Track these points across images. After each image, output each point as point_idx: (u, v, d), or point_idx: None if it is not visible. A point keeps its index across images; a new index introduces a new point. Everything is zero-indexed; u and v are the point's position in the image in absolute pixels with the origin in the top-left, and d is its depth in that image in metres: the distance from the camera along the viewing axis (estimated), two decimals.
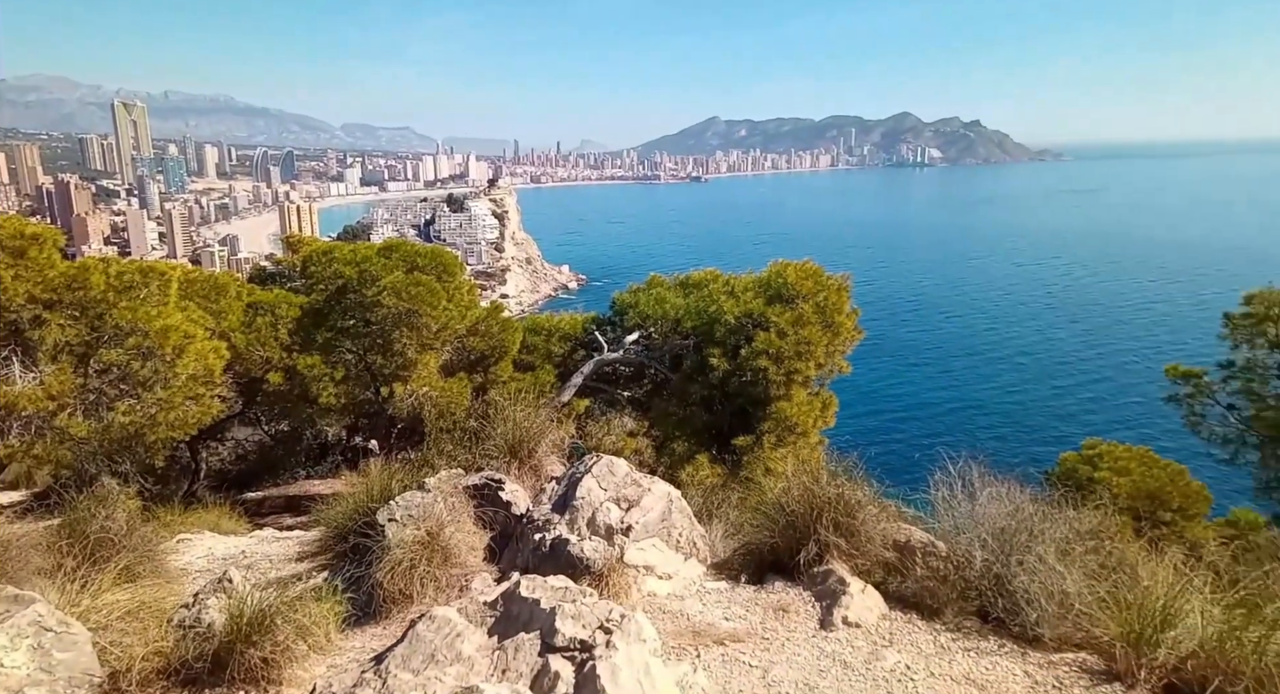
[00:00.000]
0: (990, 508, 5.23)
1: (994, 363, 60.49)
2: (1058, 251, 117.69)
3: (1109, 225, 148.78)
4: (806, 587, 5.11)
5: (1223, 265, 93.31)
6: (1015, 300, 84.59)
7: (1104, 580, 4.81)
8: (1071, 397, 52.03)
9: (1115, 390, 49.62)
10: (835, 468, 6.30)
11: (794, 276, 14.24)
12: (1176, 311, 70.66)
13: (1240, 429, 11.64)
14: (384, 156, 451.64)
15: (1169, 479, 15.52)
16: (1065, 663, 4.14)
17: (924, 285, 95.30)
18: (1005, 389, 54.22)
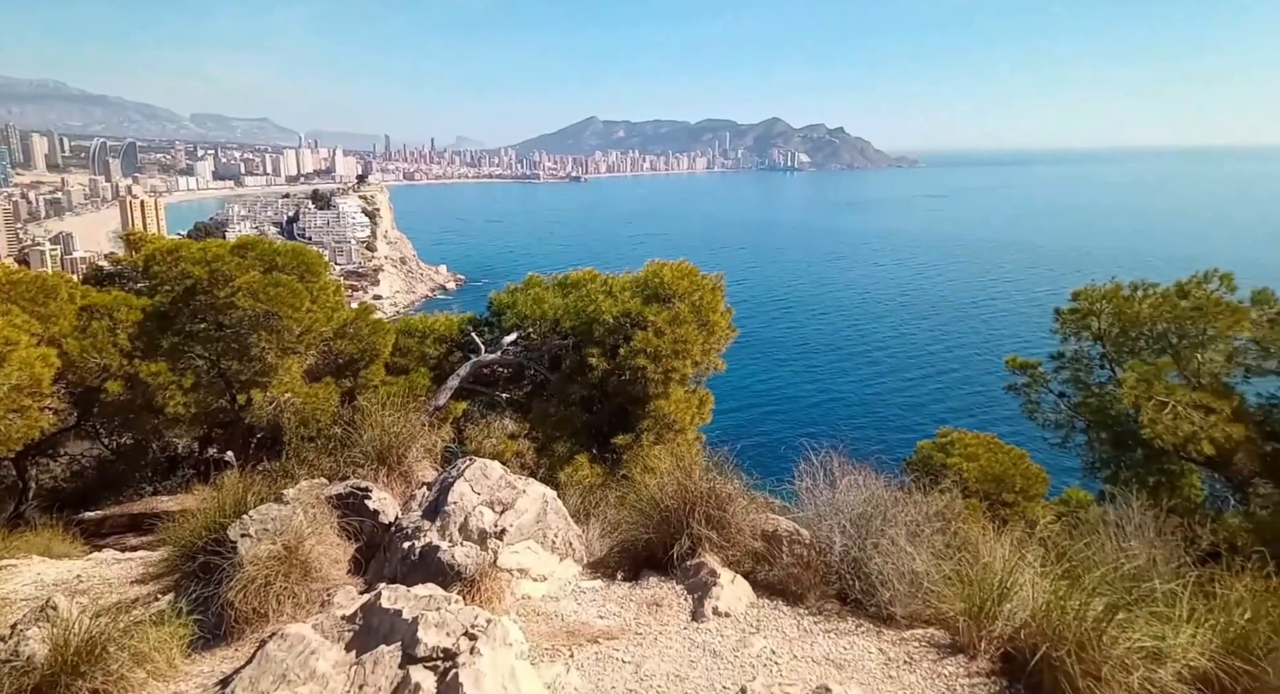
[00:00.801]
0: (849, 495, 5.53)
1: (855, 358, 64.12)
2: (912, 252, 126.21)
3: (958, 228, 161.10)
4: (680, 580, 5.21)
5: (1057, 264, 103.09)
6: (874, 299, 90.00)
7: (950, 559, 5.19)
8: (926, 388, 55.89)
9: (965, 382, 53.77)
10: (710, 463, 6.49)
11: (670, 276, 14.48)
12: (1016, 307, 77.39)
13: (1070, 415, 12.84)
14: (240, 149, 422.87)
15: (1012, 463, 16.93)
16: (916, 639, 4.43)
17: (793, 284, 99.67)
18: (866, 382, 57.58)
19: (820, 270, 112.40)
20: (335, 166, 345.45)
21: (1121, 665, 3.60)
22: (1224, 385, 11.53)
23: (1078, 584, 4.17)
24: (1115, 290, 12.07)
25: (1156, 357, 11.61)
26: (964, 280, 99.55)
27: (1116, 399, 10.92)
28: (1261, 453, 11.28)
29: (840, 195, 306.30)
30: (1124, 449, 11.97)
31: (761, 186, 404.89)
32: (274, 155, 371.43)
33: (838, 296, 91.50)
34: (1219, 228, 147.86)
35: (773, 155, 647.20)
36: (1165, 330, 11.72)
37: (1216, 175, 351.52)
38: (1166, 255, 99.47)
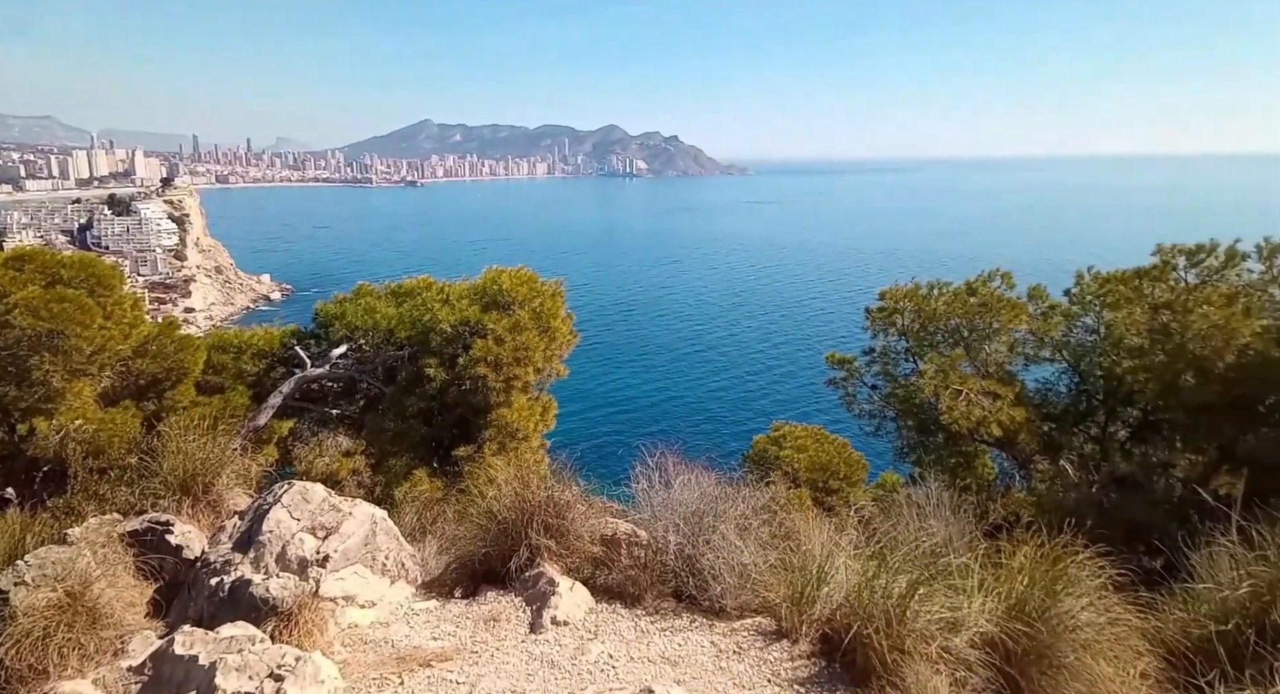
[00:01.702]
0: (683, 494, 5.69)
1: (694, 358, 66.44)
2: (743, 256, 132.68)
3: (784, 232, 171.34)
4: (519, 592, 5.13)
5: (870, 265, 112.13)
6: (709, 300, 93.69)
7: (775, 549, 5.48)
8: (761, 385, 58.88)
9: (794, 377, 57.18)
10: (550, 470, 6.45)
11: (510, 283, 14.30)
12: (836, 307, 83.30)
13: (881, 405, 13.98)
14: (19, 150, 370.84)
15: (836, 452, 18.14)
16: (745, 629, 4.63)
17: (633, 288, 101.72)
18: (705, 381, 59.79)
19: (659, 274, 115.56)
20: (135, 169, 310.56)
21: (922, 637, 3.93)
22: (1008, 373, 13.00)
23: (885, 564, 4.51)
24: (915, 290, 13.29)
25: (951, 349, 12.89)
26: (790, 281, 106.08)
27: (919, 389, 12.01)
28: (1040, 433, 12.83)
29: (677, 201, 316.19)
30: (927, 434, 13.19)
31: (602, 192, 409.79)
32: (61, 156, 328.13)
33: (675, 299, 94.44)
34: (1004, 230, 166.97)
35: (611, 162, 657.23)
36: (958, 325, 13.04)
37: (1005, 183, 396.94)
38: (960, 255, 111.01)
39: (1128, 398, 12.14)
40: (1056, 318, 13.08)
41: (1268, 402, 10.50)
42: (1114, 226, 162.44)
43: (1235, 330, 9.90)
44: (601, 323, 75.33)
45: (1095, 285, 12.24)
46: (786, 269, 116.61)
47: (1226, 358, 10.03)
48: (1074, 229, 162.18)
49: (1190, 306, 10.33)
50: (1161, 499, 10.56)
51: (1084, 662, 3.93)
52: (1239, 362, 10.02)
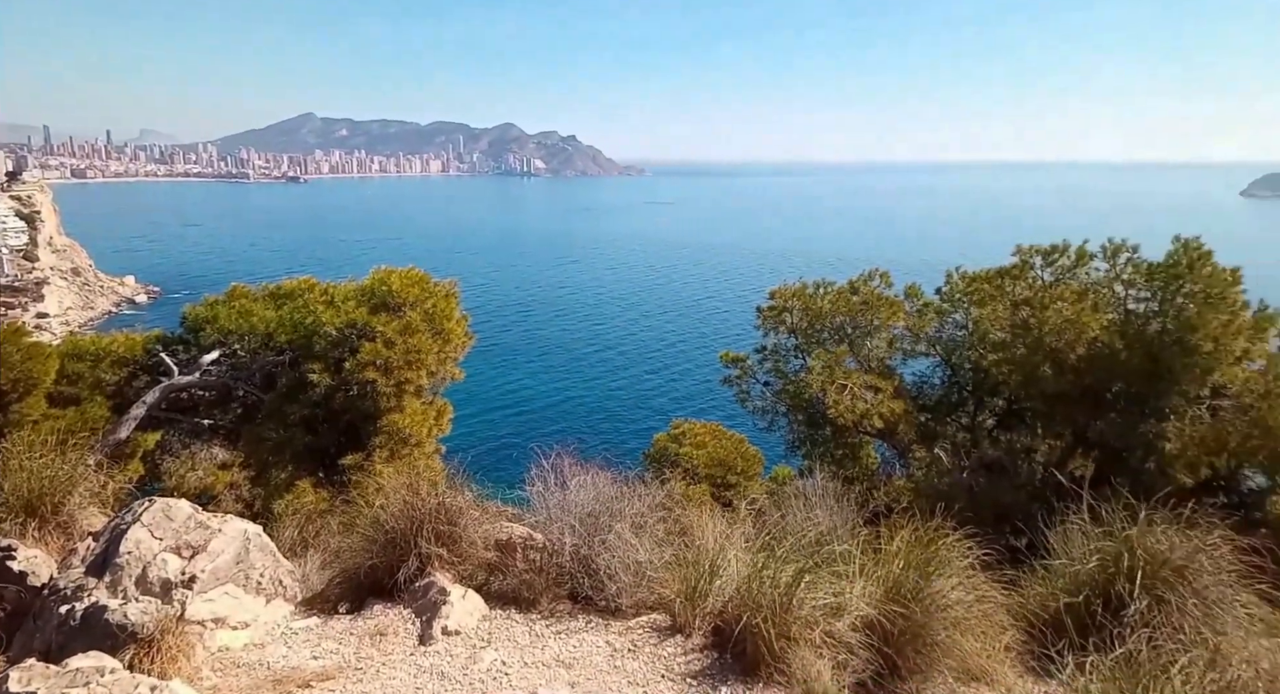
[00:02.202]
0: (579, 495, 5.67)
1: (596, 357, 66.50)
2: (643, 256, 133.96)
3: (682, 233, 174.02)
4: (407, 604, 4.97)
5: (763, 264, 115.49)
6: (610, 299, 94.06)
7: (671, 545, 5.55)
8: (661, 383, 59.59)
9: (694, 375, 58.16)
10: (443, 476, 6.28)
11: (399, 284, 13.84)
12: (730, 306, 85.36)
13: (773, 401, 14.42)
14: None
15: (734, 447, 18.57)
16: (640, 626, 4.66)
17: (533, 288, 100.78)
18: (607, 381, 59.94)
19: (558, 274, 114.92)
20: None
21: (807, 623, 4.07)
22: (888, 368, 13.69)
23: (773, 555, 4.65)
24: (803, 289, 13.79)
25: (837, 346, 13.46)
26: (686, 281, 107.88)
27: (808, 385, 12.47)
28: (917, 423, 13.57)
29: (576, 201, 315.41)
30: (816, 428, 13.72)
31: (499, 191, 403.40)
32: None
33: (574, 299, 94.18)
34: (885, 231, 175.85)
35: (509, 160, 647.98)
36: (842, 323, 13.63)
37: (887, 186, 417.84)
38: (844, 255, 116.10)
39: (994, 388, 13.03)
40: (930, 315, 13.87)
41: (1114, 390, 11.51)
42: (983, 228, 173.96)
43: (1085, 325, 10.81)
44: (499, 324, 74.16)
45: (963, 284, 13.07)
46: (683, 269, 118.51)
47: (1078, 350, 10.94)
48: (946, 230, 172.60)
49: (1046, 303, 11.20)
50: (1024, 482, 11.38)
51: (954, 639, 4.17)
52: (1088, 353, 10.95)
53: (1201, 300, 10.43)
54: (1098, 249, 11.69)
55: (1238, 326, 10.42)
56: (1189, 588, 4.56)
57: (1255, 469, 10.68)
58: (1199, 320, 10.32)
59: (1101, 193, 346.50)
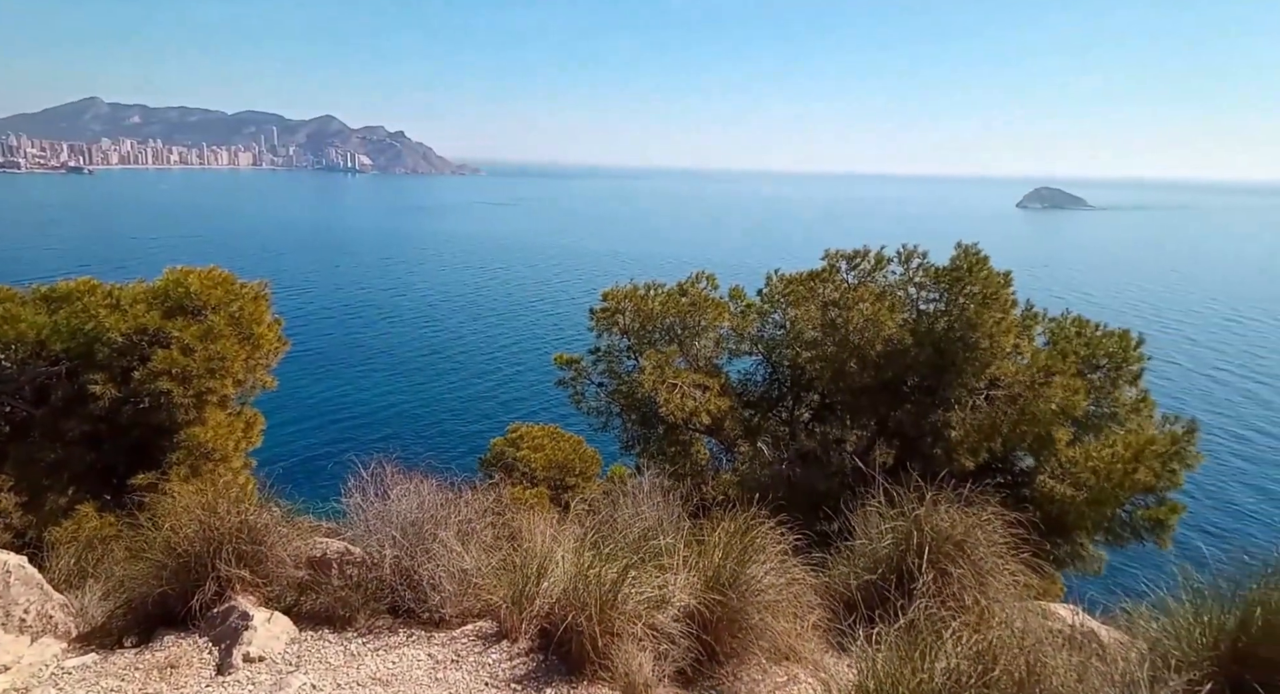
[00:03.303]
0: (401, 504, 5.44)
1: (433, 360, 64.16)
2: (480, 257, 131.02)
3: (518, 234, 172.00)
4: (204, 632, 4.55)
5: (598, 267, 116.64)
6: (447, 301, 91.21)
7: (499, 551, 5.46)
8: (500, 386, 58.51)
9: (532, 377, 57.64)
10: (253, 492, 5.80)
11: (199, 285, 12.64)
12: (565, 307, 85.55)
13: (608, 401, 14.63)
14: None
15: (572, 449, 18.65)
16: (465, 635, 4.54)
17: (363, 290, 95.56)
18: (444, 385, 58.01)
19: (386, 275, 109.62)
20: None
21: (631, 617, 4.16)
22: (714, 366, 14.29)
23: (600, 553, 4.71)
24: (634, 290, 14.10)
25: (667, 346, 13.87)
26: (522, 282, 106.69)
27: (640, 384, 12.75)
28: (742, 418, 14.28)
29: (409, 200, 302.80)
30: (649, 427, 14.08)
31: (322, 187, 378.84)
32: None
33: (411, 301, 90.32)
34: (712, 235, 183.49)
35: (330, 155, 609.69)
36: (673, 323, 14.06)
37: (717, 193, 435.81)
38: (674, 258, 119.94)
39: (809, 384, 13.97)
40: (752, 315, 14.64)
41: (909, 383, 12.72)
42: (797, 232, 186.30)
43: (883, 323, 11.87)
44: (320, 328, 69.54)
45: (781, 286, 13.91)
46: (518, 271, 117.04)
47: (878, 347, 11.99)
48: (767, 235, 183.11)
49: (851, 303, 12.18)
50: (836, 470, 12.30)
51: (767, 621, 4.41)
52: (886, 350, 12.03)
53: (979, 301, 11.76)
54: (893, 254, 12.90)
55: (1009, 324, 11.85)
56: (967, 560, 5.10)
57: (1024, 451, 12.22)
58: (977, 319, 11.63)
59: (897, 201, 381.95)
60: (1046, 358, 11.64)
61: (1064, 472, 11.23)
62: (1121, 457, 10.74)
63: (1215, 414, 48.86)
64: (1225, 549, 4.64)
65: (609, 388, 14.60)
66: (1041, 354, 11.94)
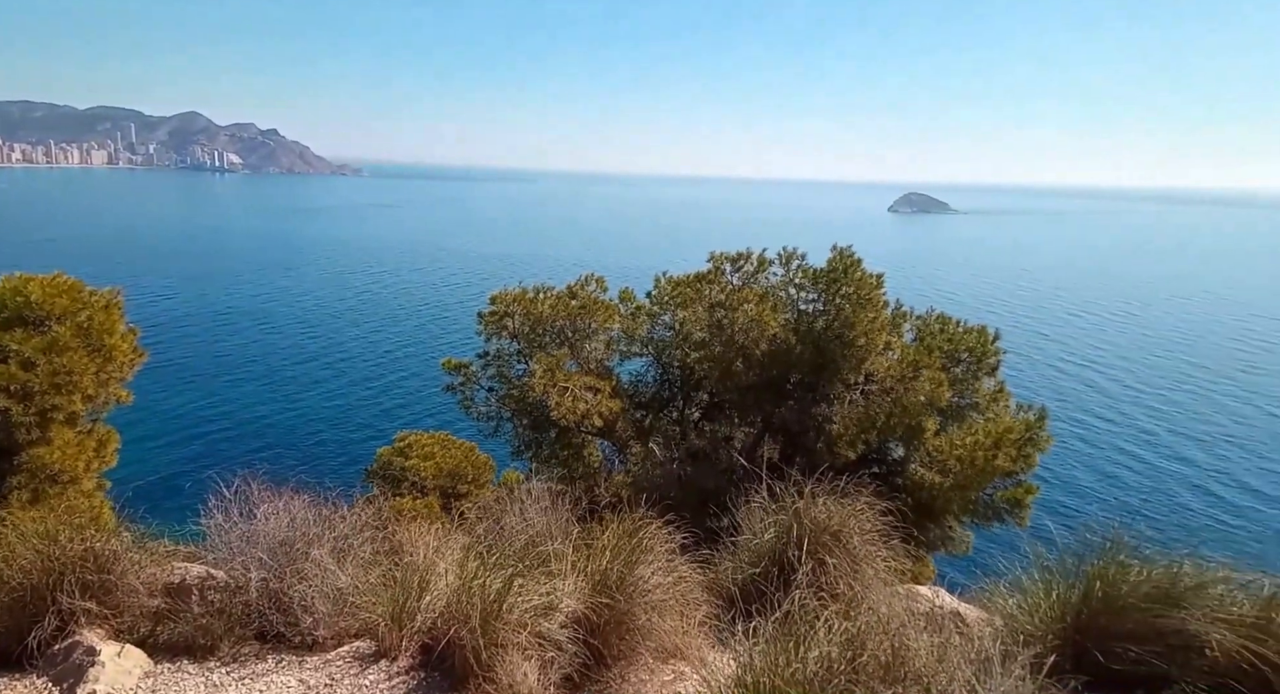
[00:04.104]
0: (269, 523, 5.14)
1: (310, 369, 61.02)
2: (366, 261, 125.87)
3: (408, 236, 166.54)
4: (43, 672, 4.14)
5: (486, 270, 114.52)
6: (330, 307, 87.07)
7: (379, 566, 5.24)
8: (388, 394, 56.36)
9: (421, 384, 55.88)
10: (107, 516, 5.33)
11: (41, 294, 11.54)
12: (454, 311, 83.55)
13: (498, 406, 14.38)
14: None
15: (464, 456, 18.20)
16: (341, 657, 4.33)
17: (235, 296, 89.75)
18: (327, 395, 55.30)
19: (265, 280, 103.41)
20: None
21: (517, 627, 4.08)
22: (606, 368, 14.33)
23: (485, 562, 4.59)
24: (523, 294, 13.93)
25: (558, 349, 13.78)
26: (408, 286, 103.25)
27: (531, 388, 12.61)
28: (634, 419, 14.38)
29: (283, 201, 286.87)
30: (541, 431, 13.95)
31: (186, 187, 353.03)
32: None
33: (286, 307, 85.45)
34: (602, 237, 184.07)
35: (196, 153, 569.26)
36: (563, 326, 13.99)
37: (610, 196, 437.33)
38: (563, 261, 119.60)
39: (698, 383, 14.24)
40: (642, 317, 14.77)
41: (792, 380, 13.19)
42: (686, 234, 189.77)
43: (766, 323, 12.26)
44: (184, 337, 64.54)
45: (669, 288, 14.12)
46: (404, 274, 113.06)
47: (762, 346, 12.37)
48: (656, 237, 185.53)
49: (736, 304, 12.51)
50: (725, 467, 12.58)
51: (653, 621, 4.44)
52: (771, 349, 12.43)
53: (855, 301, 12.34)
54: (774, 256, 13.35)
55: (881, 323, 12.50)
56: (842, 549, 5.31)
57: (897, 442, 12.92)
58: (853, 318, 12.21)
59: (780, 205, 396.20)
60: (915, 353, 12.35)
61: (932, 460, 11.94)
62: (983, 444, 11.54)
63: (1060, 402, 53.28)
64: (1071, 528, 5.06)
65: (499, 392, 14.36)
66: (910, 350, 12.66)
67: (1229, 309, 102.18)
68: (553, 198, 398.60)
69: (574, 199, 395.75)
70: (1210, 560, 4.32)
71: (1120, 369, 67.54)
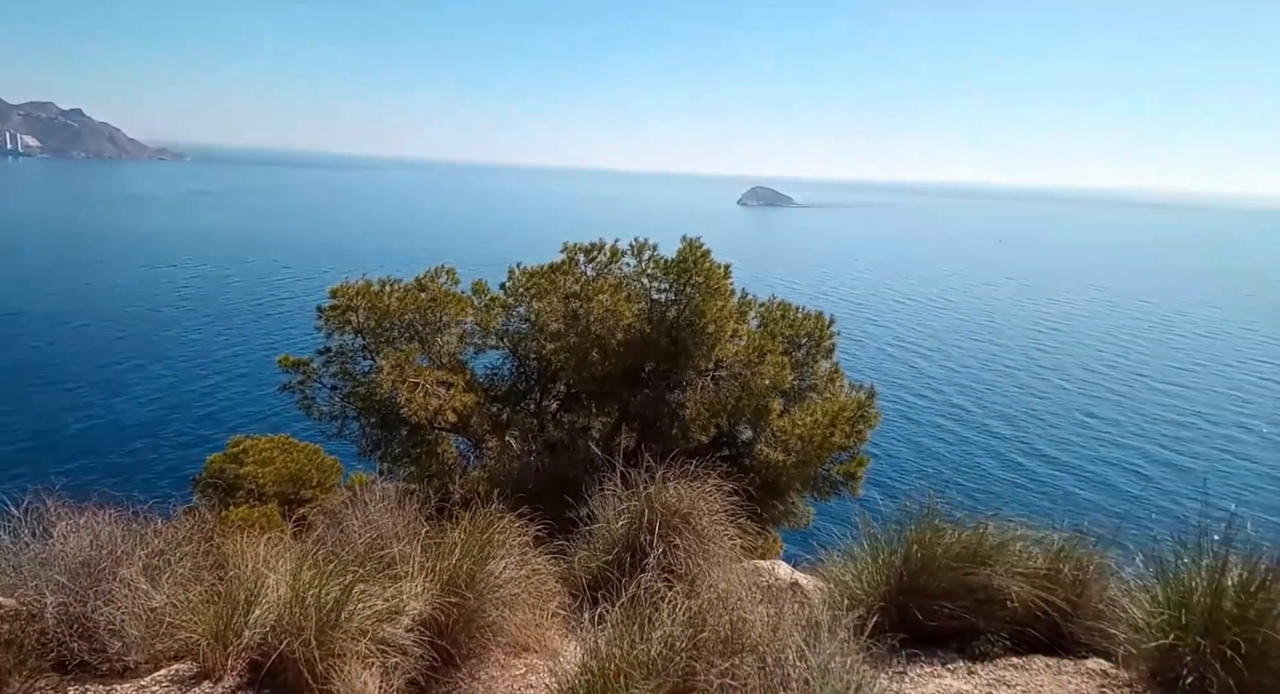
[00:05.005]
0: (69, 543, 4.62)
1: (121, 373, 55.14)
2: (192, 253, 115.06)
3: (235, 227, 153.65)
4: None
5: (326, 262, 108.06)
6: (151, 305, 78.95)
7: (201, 583, 4.82)
8: (219, 397, 51.99)
9: (257, 385, 51.97)
10: None
11: None
12: (291, 306, 78.42)
13: (342, 405, 13.64)
14: None
15: (307, 459, 17.20)
16: (157, 682, 3.96)
17: (31, 294, 79.54)
18: (142, 400, 50.21)
19: (67, 276, 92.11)
20: None
21: (357, 635, 3.88)
22: (459, 362, 13.96)
23: (321, 570, 4.33)
24: (367, 287, 13.29)
25: (407, 343, 13.27)
26: (243, 280, 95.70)
27: (379, 385, 12.06)
28: (490, 413, 14.11)
29: (90, 188, 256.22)
30: (391, 429, 13.38)
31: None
32: None
33: (92, 305, 76.42)
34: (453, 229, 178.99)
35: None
36: (412, 320, 13.47)
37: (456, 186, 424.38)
38: (410, 252, 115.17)
39: (555, 375, 14.18)
40: (497, 309, 14.51)
41: (647, 369, 13.43)
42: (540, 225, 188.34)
43: (621, 313, 12.40)
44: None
45: (524, 279, 13.94)
46: (233, 268, 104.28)
47: (617, 336, 12.50)
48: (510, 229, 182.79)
49: (591, 295, 12.55)
50: (583, 457, 12.62)
51: (505, 616, 4.37)
52: (626, 338, 12.59)
53: (704, 290, 12.72)
54: (627, 247, 13.51)
55: (729, 311, 12.97)
56: (691, 530, 5.47)
57: (745, 424, 13.49)
58: (703, 307, 12.59)
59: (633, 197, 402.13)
60: (760, 339, 12.92)
61: (777, 439, 12.58)
62: (821, 422, 12.29)
63: (887, 382, 57.73)
64: (895, 498, 5.48)
65: (343, 391, 13.63)
66: (756, 336, 13.23)
67: (1028, 294, 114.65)
68: (402, 187, 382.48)
69: (425, 188, 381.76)
70: (1010, 521, 4.82)
71: (938, 351, 74.09)
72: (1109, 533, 4.81)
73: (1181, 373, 68.25)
